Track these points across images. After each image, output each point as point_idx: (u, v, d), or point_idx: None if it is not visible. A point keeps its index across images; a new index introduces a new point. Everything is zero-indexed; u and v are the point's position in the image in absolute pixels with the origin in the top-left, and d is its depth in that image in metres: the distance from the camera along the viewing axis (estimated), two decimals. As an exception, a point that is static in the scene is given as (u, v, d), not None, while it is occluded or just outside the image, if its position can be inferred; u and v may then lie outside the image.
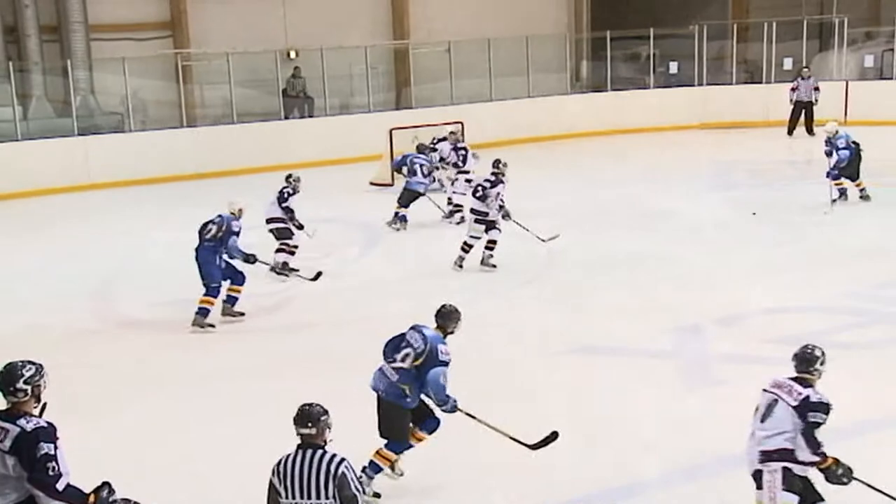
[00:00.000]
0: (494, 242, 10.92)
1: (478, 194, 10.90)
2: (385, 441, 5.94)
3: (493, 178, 10.87)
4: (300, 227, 11.06)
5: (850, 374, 6.61)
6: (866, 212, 13.03)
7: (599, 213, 13.34)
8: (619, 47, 21.96)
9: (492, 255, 10.95)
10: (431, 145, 14.71)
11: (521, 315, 9.50)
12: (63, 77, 18.05)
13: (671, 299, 9.62)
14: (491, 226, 10.87)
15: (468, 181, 12.96)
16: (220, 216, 9.54)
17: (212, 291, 9.40)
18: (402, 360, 5.87)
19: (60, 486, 4.37)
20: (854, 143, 13.23)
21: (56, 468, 4.35)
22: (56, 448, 4.37)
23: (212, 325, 9.43)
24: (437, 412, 5.98)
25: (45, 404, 4.55)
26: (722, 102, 21.13)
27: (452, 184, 13.80)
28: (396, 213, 13.27)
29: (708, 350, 8.27)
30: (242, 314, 9.69)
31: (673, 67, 22.21)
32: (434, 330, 5.97)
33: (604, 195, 14.62)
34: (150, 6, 19.63)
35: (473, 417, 5.93)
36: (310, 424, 4.37)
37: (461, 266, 10.94)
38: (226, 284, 9.53)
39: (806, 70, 19.67)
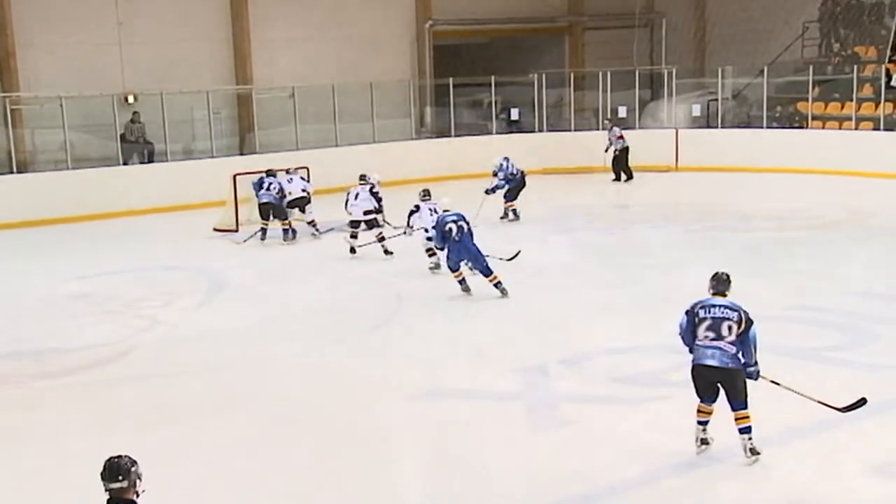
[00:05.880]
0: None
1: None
2: (736, 405, 6.42)
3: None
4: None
5: (685, 411, 6.83)
6: (696, 254, 13.56)
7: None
8: (461, 94, 22.39)
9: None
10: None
11: (367, 360, 9.44)
12: None
13: (517, 340, 9.78)
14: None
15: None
16: (459, 214, 11.36)
17: (488, 269, 11.16)
18: (730, 333, 6.38)
19: None
20: (521, 171, 16.12)
21: None
22: None
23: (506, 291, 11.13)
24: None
25: None
26: (562, 148, 21.81)
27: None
28: (264, 230, 14.85)
29: (554, 390, 8.41)
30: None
31: (514, 114, 22.80)
32: (717, 296, 6.59)
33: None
34: (-26, 48, 18.76)
35: (778, 384, 6.57)
36: (120, 478, 4.21)
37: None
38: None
39: (607, 122, 20.64)
